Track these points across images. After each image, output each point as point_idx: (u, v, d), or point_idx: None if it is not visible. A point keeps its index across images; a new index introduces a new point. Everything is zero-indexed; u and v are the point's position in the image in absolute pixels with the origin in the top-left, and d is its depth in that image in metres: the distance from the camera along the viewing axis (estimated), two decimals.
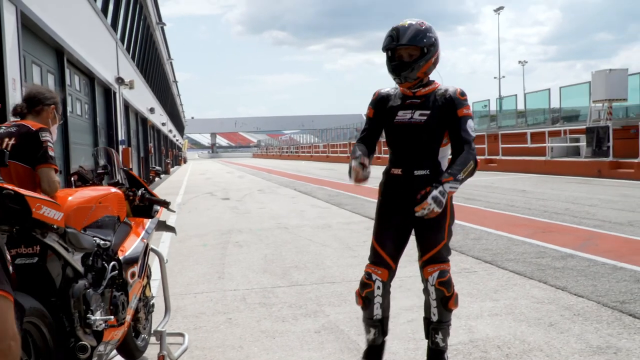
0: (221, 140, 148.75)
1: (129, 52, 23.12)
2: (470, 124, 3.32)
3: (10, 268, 2.62)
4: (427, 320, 3.51)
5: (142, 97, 26.70)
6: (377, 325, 3.47)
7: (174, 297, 5.49)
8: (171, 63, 48.73)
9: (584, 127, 21.61)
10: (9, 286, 2.03)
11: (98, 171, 3.77)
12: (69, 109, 11.49)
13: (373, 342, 3.50)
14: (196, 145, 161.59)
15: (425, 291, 3.46)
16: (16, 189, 2.51)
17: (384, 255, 3.44)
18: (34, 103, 3.69)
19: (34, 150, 3.43)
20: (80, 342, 2.83)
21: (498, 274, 5.97)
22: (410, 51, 3.27)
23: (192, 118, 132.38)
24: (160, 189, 23.37)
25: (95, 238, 3.12)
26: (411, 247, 3.59)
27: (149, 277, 3.97)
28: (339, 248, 7.82)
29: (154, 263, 4.15)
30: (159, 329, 3.83)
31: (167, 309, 4.09)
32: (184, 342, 4.17)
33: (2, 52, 7.33)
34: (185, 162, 77.52)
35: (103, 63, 15.46)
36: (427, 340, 3.54)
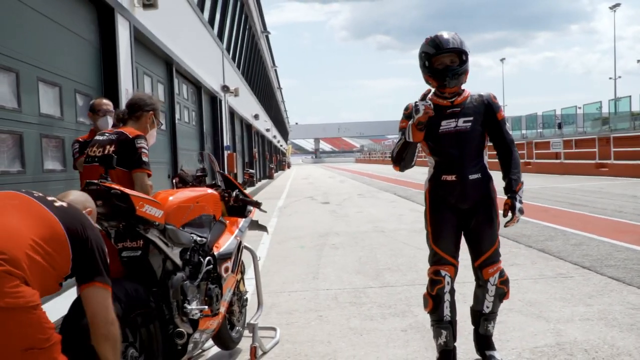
0: (324, 146, 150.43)
1: (234, 60, 24.03)
2: (508, 125, 3.63)
3: (117, 261, 2.97)
4: (477, 312, 3.73)
5: (246, 104, 27.63)
6: (448, 327, 3.57)
7: (269, 295, 5.78)
8: (275, 70, 50.02)
9: None
10: (108, 278, 2.35)
11: (197, 174, 4.07)
12: (177, 116, 12.17)
13: (446, 346, 3.59)
14: (300, 150, 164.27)
15: (483, 289, 3.65)
16: (122, 188, 2.83)
17: (447, 256, 3.57)
18: (134, 109, 4.02)
19: (130, 156, 3.73)
20: (178, 329, 3.11)
21: (595, 279, 5.81)
22: (452, 58, 3.43)
23: (296, 124, 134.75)
24: (264, 193, 24.11)
25: (192, 235, 3.40)
26: (507, 252, 3.62)
27: (242, 273, 4.23)
28: None
29: (249, 262, 4.41)
30: (251, 322, 4.08)
31: (259, 304, 4.34)
32: (276, 336, 4.41)
33: (116, 65, 7.93)
34: (289, 167, 79.09)
35: (209, 72, 16.21)
36: (474, 328, 3.79)
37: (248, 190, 22.42)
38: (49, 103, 6.28)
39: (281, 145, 70.96)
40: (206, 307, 3.31)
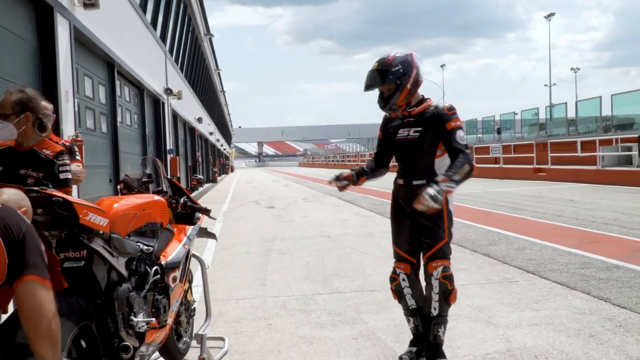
0: (268, 149, 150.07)
1: (177, 63, 23.64)
2: (460, 134, 3.66)
3: (59, 273, 2.80)
4: (426, 316, 3.78)
5: (190, 107, 27.23)
6: (415, 314, 3.85)
7: (216, 303, 5.64)
8: (219, 73, 49.52)
9: (637, 135, 21.07)
10: (46, 272, 2.16)
11: (143, 180, 3.92)
12: (118, 119, 11.85)
13: (416, 330, 3.87)
14: (243, 154, 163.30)
15: (429, 286, 3.76)
16: (65, 196, 2.67)
17: (402, 253, 3.87)
18: None
19: None
20: (124, 343, 2.96)
21: (540, 284, 5.91)
22: (387, 87, 3.70)
23: (240, 127, 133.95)
24: (208, 197, 23.78)
25: (138, 243, 3.26)
26: (453, 257, 3.63)
27: (190, 282, 4.10)
28: (380, 256, 7.84)
29: (196, 269, 4.28)
30: (199, 332, 3.95)
31: (208, 314, 4.21)
32: (224, 346, 4.28)
33: (55, 66, 7.64)
34: (232, 170, 78.45)
35: (152, 74, 15.87)
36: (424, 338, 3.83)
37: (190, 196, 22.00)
38: None
39: (224, 149, 70.30)
40: (153, 319, 3.16)
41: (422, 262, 3.84)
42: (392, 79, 3.67)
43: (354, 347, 4.29)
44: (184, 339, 4.03)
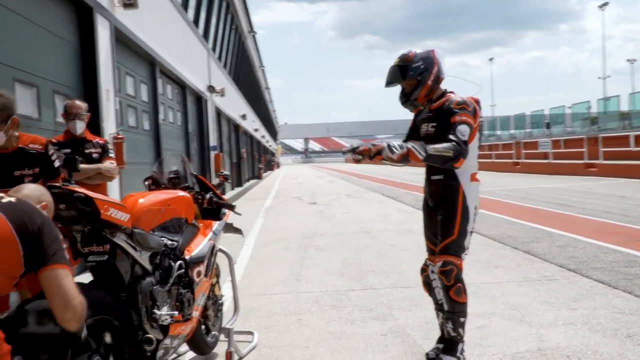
0: (314, 145, 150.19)
1: (220, 60, 23.87)
2: (461, 128, 3.56)
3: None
4: (441, 311, 3.80)
5: (234, 104, 27.48)
6: (443, 310, 3.77)
7: (250, 298, 5.70)
8: (263, 70, 49.85)
9: None
10: (66, 259, 2.25)
11: (170, 176, 3.97)
12: (160, 116, 12.02)
13: (442, 326, 3.81)
14: (290, 150, 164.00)
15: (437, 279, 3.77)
16: (86, 192, 2.72)
17: (431, 246, 3.92)
18: None
19: None
20: (147, 335, 3.01)
21: (580, 282, 5.75)
22: (408, 83, 3.73)
23: (285, 124, 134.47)
24: (252, 194, 24.01)
25: (163, 238, 3.30)
26: (492, 254, 3.58)
27: (218, 277, 4.14)
28: (417, 253, 7.74)
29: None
30: (227, 326, 3.99)
31: (236, 308, 4.25)
32: (253, 340, 4.31)
33: (95, 65, 7.80)
34: (278, 167, 78.94)
35: (194, 72, 16.05)
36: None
37: (235, 192, 22.34)
38: (25, 104, 6.15)
39: (270, 145, 70.78)
40: (176, 312, 3.20)
41: None
42: (412, 75, 3.68)
43: (382, 343, 4.26)
44: (213, 332, 4.07)
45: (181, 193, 3.69)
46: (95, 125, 7.76)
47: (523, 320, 4.61)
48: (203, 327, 3.97)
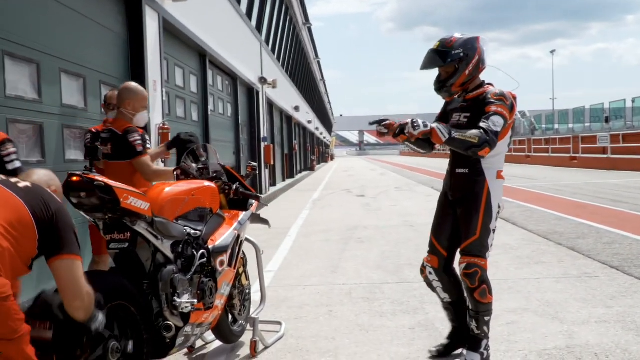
0: (369, 138, 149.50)
1: (274, 52, 24.04)
2: (495, 119, 3.42)
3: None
4: (468, 307, 3.69)
5: (286, 96, 27.64)
6: (448, 308, 3.83)
7: (284, 288, 5.76)
8: (318, 62, 49.86)
9: None
10: (77, 249, 2.35)
11: (198, 166, 4.04)
12: (210, 107, 12.20)
13: (451, 323, 3.86)
14: (345, 142, 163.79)
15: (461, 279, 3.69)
16: (106, 180, 2.80)
17: (436, 244, 3.78)
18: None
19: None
20: (166, 322, 3.09)
21: (621, 280, 5.58)
22: (445, 69, 3.59)
23: (341, 116, 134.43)
24: (303, 185, 24.16)
25: (186, 227, 3.37)
26: (534, 250, 3.52)
27: (245, 266, 4.19)
28: None
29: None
30: (252, 316, 4.05)
31: (262, 298, 4.30)
32: (280, 330, 4.37)
33: (143, 56, 7.98)
34: (332, 159, 79.08)
35: (246, 64, 16.21)
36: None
37: (285, 183, 22.47)
38: (72, 94, 6.35)
39: (324, 137, 70.93)
40: (196, 300, 3.27)
41: (454, 254, 3.78)
42: (450, 62, 3.53)
43: (409, 336, 4.24)
44: (240, 322, 4.13)
45: (207, 183, 3.75)
46: None
47: (556, 317, 4.51)
48: (230, 316, 4.04)
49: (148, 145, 5.15)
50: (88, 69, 6.73)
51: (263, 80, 18.58)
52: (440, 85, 3.63)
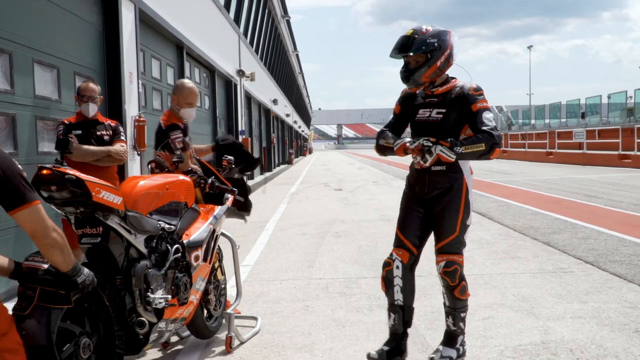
0: (347, 132, 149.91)
1: (252, 45, 23.89)
2: (487, 115, 3.44)
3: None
4: (444, 304, 3.64)
5: (265, 89, 27.51)
6: (397, 311, 3.59)
7: (260, 282, 5.72)
8: (297, 55, 49.72)
9: None
10: (33, 193, 2.37)
11: (173, 159, 3.98)
12: None
13: (393, 329, 3.62)
14: (323, 136, 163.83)
15: (439, 277, 3.60)
16: (77, 174, 2.74)
17: (405, 240, 3.60)
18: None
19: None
20: (139, 318, 3.04)
21: (596, 275, 5.64)
22: (416, 58, 3.46)
23: (320, 109, 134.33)
24: (280, 178, 24.08)
25: (160, 222, 3.32)
26: (511, 245, 3.50)
27: (220, 261, 4.15)
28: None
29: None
30: (228, 311, 4.00)
31: (238, 293, 4.27)
32: (256, 326, 4.33)
33: (119, 47, 7.86)
34: (310, 152, 79.02)
35: (224, 56, 16.08)
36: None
37: (263, 177, 22.40)
38: (45, 85, 6.23)
39: (302, 131, 70.79)
40: (170, 296, 3.22)
41: (420, 255, 3.69)
42: (424, 50, 3.41)
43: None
44: (215, 317, 4.09)
45: (181, 177, 3.70)
46: (117, 107, 7.86)
47: (531, 313, 4.53)
48: (205, 311, 4.00)
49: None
50: (62, 60, 6.61)
51: (241, 73, 18.47)
52: (408, 74, 3.48)
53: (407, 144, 3.47)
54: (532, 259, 6.47)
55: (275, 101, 31.12)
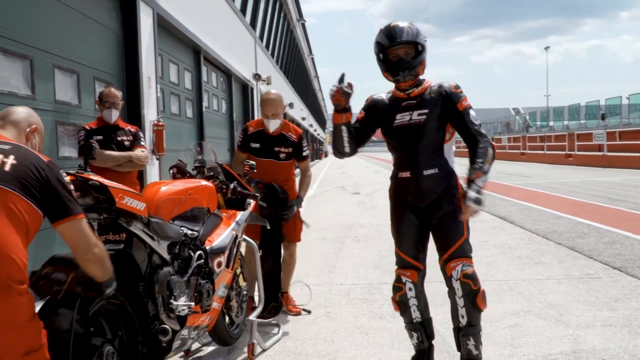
0: None
1: (268, 49, 23.91)
2: (473, 113, 3.34)
3: None
4: (455, 329, 3.38)
5: (281, 92, 27.47)
6: (419, 329, 3.46)
7: None
8: (312, 59, 49.77)
9: None
10: (77, 206, 2.35)
11: (195, 165, 3.94)
12: (204, 104, 12.09)
13: (418, 347, 3.50)
14: None
15: (451, 291, 3.32)
16: (101, 180, 2.69)
17: (408, 259, 3.42)
18: None
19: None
20: (162, 326, 2.98)
21: (624, 281, 5.51)
22: (406, 49, 3.28)
23: None
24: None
25: (182, 228, 3.27)
26: (534, 249, 3.41)
27: (242, 267, 4.09)
28: None
29: None
30: (250, 318, 3.95)
31: (260, 299, 4.21)
32: (278, 333, 4.27)
33: (137, 52, 7.86)
34: (326, 156, 78.88)
35: (240, 60, 16.10)
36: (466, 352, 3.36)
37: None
38: (65, 90, 6.24)
39: (318, 134, 70.81)
40: (193, 303, 3.17)
41: (426, 266, 3.50)
42: (421, 39, 3.26)
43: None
44: (237, 323, 4.04)
45: (204, 182, 3.66)
46: (135, 112, 7.85)
47: (560, 320, 4.42)
48: (227, 318, 3.95)
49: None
50: (82, 65, 6.62)
51: (257, 77, 18.47)
52: (406, 65, 3.25)
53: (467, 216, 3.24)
54: (557, 264, 6.35)
55: (291, 105, 31.11)
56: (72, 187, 2.40)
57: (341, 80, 3.28)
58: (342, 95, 3.28)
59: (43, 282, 2.44)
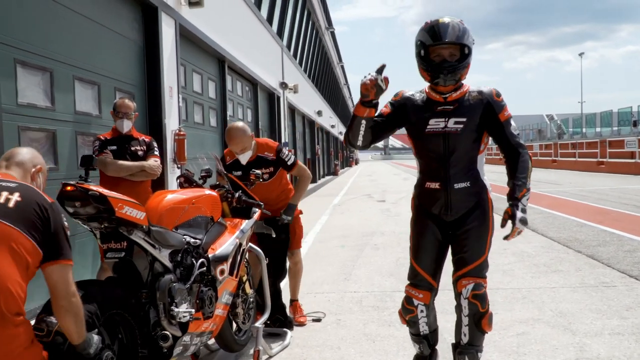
0: (394, 142, 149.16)
1: (295, 57, 24.07)
2: (513, 124, 3.19)
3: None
4: (454, 345, 3.33)
5: (309, 101, 27.64)
6: (423, 341, 3.41)
7: None
8: (342, 66, 49.88)
9: None
10: (69, 252, 2.40)
11: (201, 174, 4.03)
12: (229, 113, 12.23)
13: (421, 354, 3.47)
14: None
15: (458, 307, 3.24)
16: (101, 190, 2.79)
17: (425, 274, 3.27)
18: None
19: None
20: (163, 332, 3.06)
21: None
22: (452, 50, 3.03)
23: None
24: (325, 189, 24.10)
25: (185, 236, 3.35)
26: (553, 257, 3.41)
27: (248, 274, 4.16)
28: None
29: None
30: (256, 325, 4.01)
31: (266, 307, 4.27)
32: (286, 339, 4.32)
33: (159, 63, 8.02)
34: (356, 163, 78.92)
35: (266, 69, 16.24)
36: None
37: (307, 188, 22.31)
38: (85, 101, 6.39)
39: None
40: (193, 310, 3.24)
41: (438, 284, 3.37)
42: (469, 41, 3.04)
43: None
44: (243, 330, 4.10)
45: (207, 191, 3.74)
46: (157, 122, 8.01)
47: (568, 329, 4.40)
48: (234, 325, 4.02)
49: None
50: (103, 76, 6.77)
51: (284, 86, 18.59)
52: (450, 69, 3.00)
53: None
54: (574, 272, 6.29)
55: (319, 112, 31.23)
56: (68, 231, 2.46)
57: (380, 71, 2.99)
58: (373, 87, 2.98)
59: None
